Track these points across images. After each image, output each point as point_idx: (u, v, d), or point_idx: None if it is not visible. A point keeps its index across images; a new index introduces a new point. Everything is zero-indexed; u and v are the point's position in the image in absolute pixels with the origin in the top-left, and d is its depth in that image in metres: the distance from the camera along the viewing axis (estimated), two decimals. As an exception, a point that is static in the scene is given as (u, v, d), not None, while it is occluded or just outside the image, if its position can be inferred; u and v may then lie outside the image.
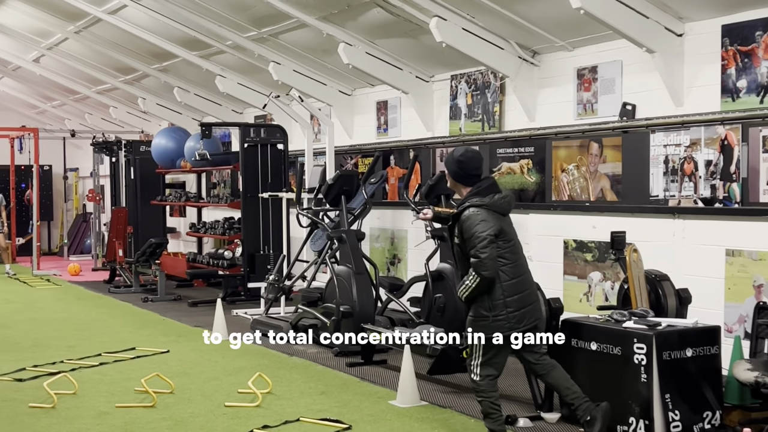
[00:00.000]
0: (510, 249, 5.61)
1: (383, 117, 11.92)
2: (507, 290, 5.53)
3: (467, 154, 5.77)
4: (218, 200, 14.54)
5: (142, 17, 12.23)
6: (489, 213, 5.54)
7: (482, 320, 5.57)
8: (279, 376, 7.76)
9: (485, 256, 5.42)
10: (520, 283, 5.60)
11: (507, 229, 5.64)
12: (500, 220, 5.59)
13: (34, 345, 9.49)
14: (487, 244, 5.44)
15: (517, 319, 5.55)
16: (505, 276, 5.53)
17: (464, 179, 5.72)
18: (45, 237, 22.42)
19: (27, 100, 21.53)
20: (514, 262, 5.61)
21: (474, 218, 5.51)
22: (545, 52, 9.21)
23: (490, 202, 5.58)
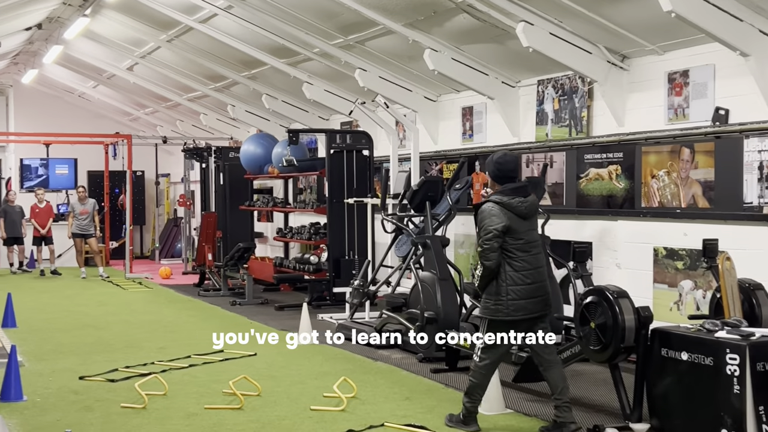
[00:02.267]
0: (519, 246, 6.09)
1: (468, 123, 11.88)
2: (509, 280, 6.05)
3: (504, 158, 6.34)
4: (304, 206, 14.70)
5: (232, 26, 12.46)
6: (502, 211, 6.07)
7: (486, 303, 6.16)
8: (364, 380, 7.79)
9: (487, 247, 6.02)
10: (525, 276, 6.07)
11: (520, 228, 6.11)
12: (514, 219, 6.08)
13: (126, 346, 9.72)
14: (492, 237, 6.01)
15: (515, 307, 6.05)
16: (509, 267, 6.06)
17: (500, 179, 6.27)
18: (137, 241, 22.95)
19: (121, 107, 22.10)
20: (523, 258, 6.08)
21: (486, 212, 6.10)
22: (635, 56, 9.06)
23: (506, 202, 6.09)
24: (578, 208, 9.78)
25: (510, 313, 6.06)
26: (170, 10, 12.67)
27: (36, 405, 7.05)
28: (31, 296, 14.42)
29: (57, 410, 6.90)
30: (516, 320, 6.09)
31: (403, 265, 10.09)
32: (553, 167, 10.13)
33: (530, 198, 6.27)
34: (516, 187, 6.23)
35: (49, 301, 13.96)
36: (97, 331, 10.86)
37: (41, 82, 21.69)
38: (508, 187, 6.19)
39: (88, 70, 19.03)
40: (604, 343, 6.04)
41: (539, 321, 6.20)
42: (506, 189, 6.18)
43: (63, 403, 7.10)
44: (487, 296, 6.16)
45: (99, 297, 14.51)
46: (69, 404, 7.08)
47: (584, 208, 9.69)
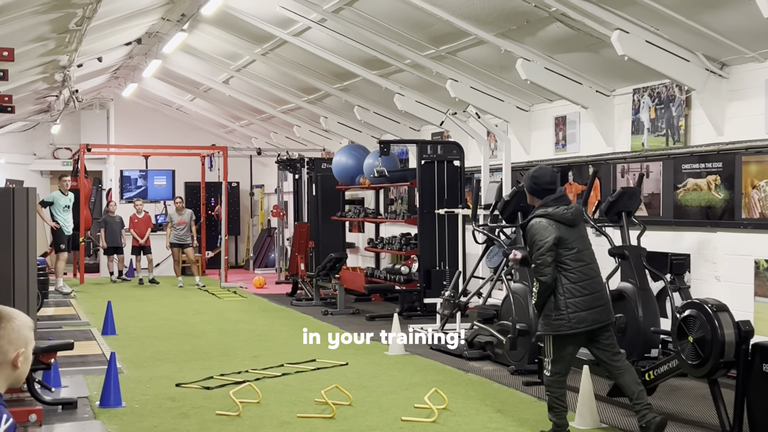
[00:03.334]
0: (572, 256, 6.06)
1: (561, 132, 11.74)
2: (567, 293, 6.01)
3: (540, 171, 6.40)
4: (395, 216, 14.73)
5: (325, 38, 12.60)
6: (550, 223, 6.06)
7: (547, 319, 6.10)
8: (455, 392, 7.76)
9: (540, 262, 6.02)
10: (582, 287, 6.03)
11: (570, 237, 6.09)
12: (563, 229, 6.07)
13: (221, 354, 9.89)
14: (544, 251, 5.99)
15: (578, 319, 6.00)
16: (566, 280, 6.03)
17: (538, 193, 6.28)
18: (232, 251, 23.35)
19: (217, 119, 22.56)
20: (578, 269, 6.05)
21: (536, 227, 6.10)
22: (734, 63, 8.82)
23: (552, 212, 6.08)
24: (675, 219, 9.56)
25: (573, 326, 6.03)
26: (265, 24, 12.89)
27: (134, 411, 7.23)
28: (130, 304, 14.80)
29: (154, 417, 7.06)
30: (579, 332, 6.07)
31: (494, 276, 10.02)
32: (649, 177, 9.93)
33: (574, 205, 6.28)
34: (557, 196, 6.24)
35: (147, 310, 14.31)
36: (193, 339, 11.08)
37: (140, 96, 22.31)
38: (549, 198, 6.21)
39: (186, 84, 19.49)
40: (702, 357, 5.90)
41: (603, 330, 6.16)
42: (548, 200, 6.20)
43: (160, 410, 7.26)
44: (546, 312, 6.12)
45: (195, 306, 14.81)
46: (166, 411, 7.24)
47: (682, 219, 9.47)
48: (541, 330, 6.20)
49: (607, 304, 6.22)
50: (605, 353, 6.21)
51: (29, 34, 10.77)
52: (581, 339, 6.16)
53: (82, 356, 9.20)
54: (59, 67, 13.93)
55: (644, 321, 8.31)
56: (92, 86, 20.78)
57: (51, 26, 10.76)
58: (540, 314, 6.21)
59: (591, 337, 6.15)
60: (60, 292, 15.53)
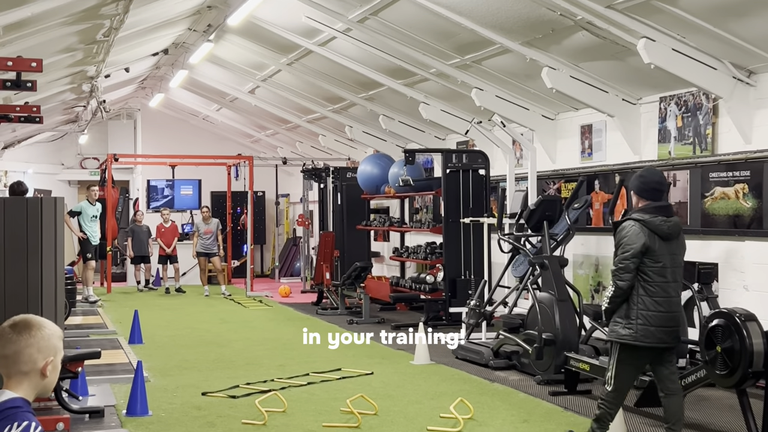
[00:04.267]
0: (656, 270, 5.78)
1: (587, 141, 11.70)
2: (641, 304, 5.76)
3: (649, 171, 6.20)
4: (420, 225, 14.72)
5: (350, 48, 12.64)
6: (643, 230, 5.77)
7: (615, 325, 5.87)
8: (480, 402, 7.73)
9: (622, 267, 5.76)
10: (658, 303, 5.77)
11: (660, 251, 5.79)
12: (654, 240, 5.77)
13: (247, 363, 9.92)
14: (629, 257, 5.74)
15: (644, 333, 5.75)
16: (643, 291, 5.77)
17: (645, 192, 5.96)
18: (258, 260, 23.41)
19: (243, 129, 22.67)
20: (658, 283, 5.78)
21: (627, 230, 5.82)
22: (762, 71, 8.75)
23: (648, 220, 5.79)
24: (703, 227, 9.49)
25: (638, 338, 5.77)
26: (290, 34, 12.95)
27: (161, 420, 7.26)
28: (156, 313, 14.88)
29: (181, 425, 7.09)
30: (644, 347, 5.80)
31: (520, 285, 9.98)
32: (676, 186, 9.87)
33: (674, 218, 5.95)
34: (659, 205, 5.90)
35: (173, 318, 14.38)
36: (219, 348, 11.12)
37: (167, 106, 22.47)
38: (651, 205, 5.88)
39: (212, 94, 19.61)
40: (731, 367, 5.83)
41: (667, 351, 5.93)
42: (648, 207, 5.87)
43: (186, 419, 7.29)
44: (616, 319, 5.88)
45: (221, 314, 14.85)
46: (192, 419, 7.26)
47: (709, 228, 9.39)
48: (608, 336, 6.00)
49: (678, 327, 5.93)
50: (664, 373, 5.98)
51: (57, 45, 10.89)
52: (645, 356, 5.90)
53: (109, 365, 9.26)
54: (87, 77, 14.07)
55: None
56: (119, 96, 20.96)
57: (79, 37, 10.87)
58: (608, 321, 5.99)
59: (655, 356, 5.91)
60: (87, 301, 15.64)
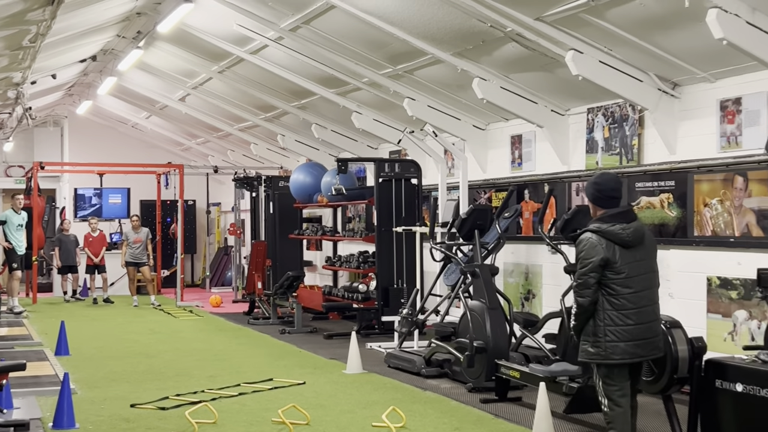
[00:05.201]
0: (620, 282, 5.49)
1: (517, 151, 11.85)
2: (607, 319, 5.49)
3: (603, 177, 5.81)
4: (353, 234, 14.73)
5: (282, 56, 12.61)
6: (601, 241, 5.50)
7: (583, 345, 5.64)
8: (412, 410, 7.75)
9: (581, 282, 5.51)
10: (626, 316, 5.48)
11: (622, 260, 5.50)
12: (615, 250, 5.50)
13: (176, 374, 9.79)
14: (587, 272, 5.49)
15: (613, 350, 5.48)
16: (608, 305, 5.49)
17: (601, 201, 5.69)
18: (188, 269, 23.15)
19: (173, 137, 22.42)
20: (623, 295, 5.49)
21: (584, 243, 5.56)
22: (686, 83, 8.98)
23: (606, 230, 5.52)
24: (629, 236, 9.66)
25: (608, 356, 5.52)
26: (222, 42, 12.86)
27: (88, 432, 7.13)
28: (84, 324, 14.61)
29: (109, 437, 6.97)
30: (615, 365, 5.56)
31: (452, 293, 10.06)
32: (603, 196, 10.03)
33: (634, 224, 5.65)
34: (618, 212, 5.64)
35: (101, 329, 14.13)
36: (148, 359, 10.96)
37: (95, 113, 22.12)
38: (609, 212, 5.62)
39: (141, 101, 19.36)
40: (657, 374, 5.96)
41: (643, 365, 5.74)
42: (606, 215, 5.61)
43: (114, 431, 7.16)
44: (584, 337, 5.64)
45: (150, 325, 14.65)
46: None
47: (635, 237, 9.57)
48: (579, 356, 5.74)
49: (654, 338, 5.64)
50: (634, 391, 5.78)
51: (-19, 51, 10.65)
52: (624, 371, 5.61)
53: (34, 377, 9.05)
54: (12, 84, 13.77)
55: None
56: (46, 103, 20.56)
57: (4, 43, 10.64)
58: (578, 338, 5.74)
59: (633, 371, 5.65)
60: (12, 312, 15.28)
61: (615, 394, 5.60)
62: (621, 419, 5.60)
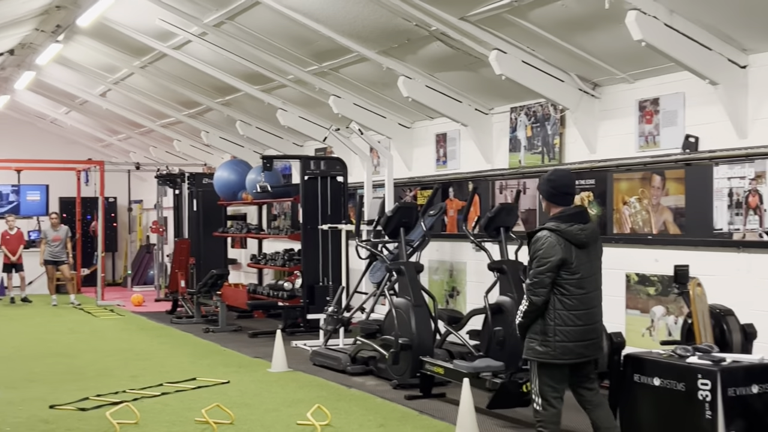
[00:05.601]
0: (574, 282, 5.46)
1: (442, 149, 11.94)
2: (558, 319, 5.45)
3: (557, 173, 5.80)
4: (278, 232, 14.66)
5: (206, 52, 12.47)
6: (559, 240, 5.44)
7: (531, 343, 5.55)
8: (338, 408, 7.76)
9: (537, 281, 5.42)
10: (577, 317, 5.47)
11: (577, 261, 5.47)
12: (571, 250, 5.45)
13: (97, 375, 9.63)
14: (544, 271, 5.40)
15: (563, 350, 5.45)
16: (560, 305, 5.45)
17: (556, 198, 5.63)
18: (109, 268, 22.78)
19: (93, 133, 22.00)
20: (576, 296, 5.47)
21: (542, 242, 5.46)
22: (606, 84, 9.16)
23: (565, 230, 5.46)
24: (551, 234, 9.82)
25: (557, 356, 5.47)
26: (144, 37, 12.66)
27: (5, 434, 6.97)
28: (0, 324, 14.24)
29: (27, 440, 6.82)
30: (563, 364, 5.54)
31: (377, 291, 10.09)
32: (526, 193, 10.20)
33: (590, 225, 5.64)
34: (575, 212, 5.62)
35: (19, 329, 13.81)
36: (68, 359, 10.75)
37: (12, 108, 21.55)
38: (566, 211, 5.57)
39: (61, 96, 18.94)
40: (577, 368, 6.06)
41: (588, 364, 5.69)
42: (564, 215, 5.55)
43: (33, 433, 7.02)
44: (531, 336, 5.54)
45: (70, 325, 14.37)
46: (39, 434, 7.00)
47: (557, 235, 9.73)
48: (525, 354, 5.63)
49: (598, 338, 5.67)
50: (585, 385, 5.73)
51: None
52: (566, 372, 5.61)
53: (-52, 379, 8.81)
54: (-75, 77, 13.35)
55: (522, 334, 8.51)
56: (-39, 98, 19.97)
57: None
58: (522, 336, 5.63)
59: (575, 369, 5.64)
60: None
61: (551, 395, 5.57)
62: (553, 420, 5.58)
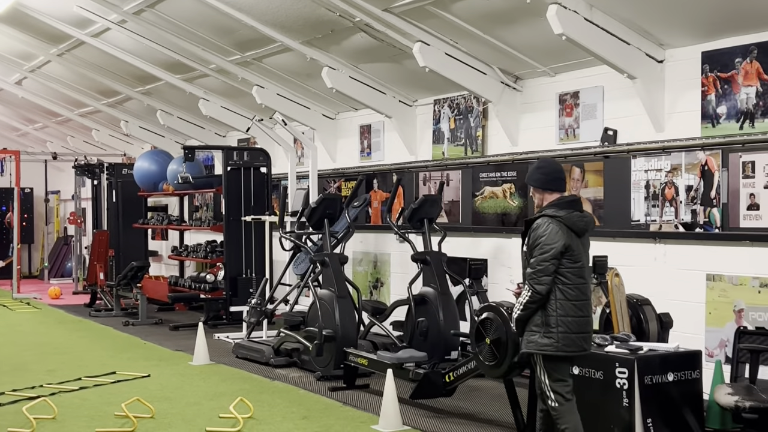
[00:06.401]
0: (575, 271, 5.29)
1: (366, 141, 11.95)
2: (561, 309, 5.25)
3: (545, 161, 5.88)
4: (201, 223, 14.50)
5: (125, 40, 12.23)
6: (561, 227, 5.28)
7: (533, 335, 5.35)
8: (261, 400, 7.71)
9: (541, 269, 5.22)
10: (577, 307, 5.28)
11: (578, 249, 5.33)
12: (572, 238, 5.30)
13: (13, 369, 9.40)
14: (548, 258, 5.22)
15: (566, 341, 5.26)
16: (561, 295, 5.26)
17: (550, 184, 5.47)
18: (25, 260, 22.26)
19: (8, 122, 21.43)
20: (576, 285, 5.29)
21: (544, 229, 5.29)
22: (528, 77, 9.28)
23: (565, 216, 5.31)
24: (474, 225, 9.93)
25: (560, 348, 5.27)
26: (61, 24, 12.34)
27: None
28: None
29: (-62, 437, 6.63)
30: (565, 356, 5.34)
31: (301, 283, 10.06)
32: (449, 185, 10.27)
33: (588, 213, 5.52)
34: (573, 199, 5.49)
35: (-70, 324, 13.39)
36: (-18, 353, 10.48)
37: None
38: (564, 198, 5.43)
39: (-26, 84, 18.39)
40: (498, 358, 6.12)
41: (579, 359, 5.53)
42: (562, 202, 5.39)
43: (-55, 430, 6.82)
44: (532, 329, 5.35)
45: (-16, 318, 14.00)
46: (-49, 431, 6.81)
47: (479, 226, 9.85)
48: (526, 347, 5.41)
49: (590, 333, 5.45)
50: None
51: None
52: (568, 365, 5.44)
53: None
54: None
55: (445, 324, 8.60)
56: None
57: None
58: (521, 330, 5.46)
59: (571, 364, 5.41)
60: None
61: (563, 389, 5.35)
62: (570, 412, 5.36)
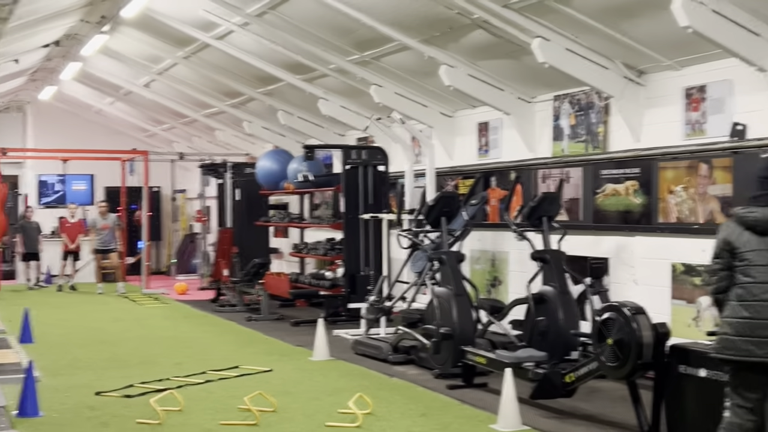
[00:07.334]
0: (741, 268, 4.98)
1: (484, 138, 11.87)
2: (728, 310, 5.01)
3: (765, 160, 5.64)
4: (320, 221, 14.69)
5: (248, 42, 12.52)
6: (736, 226, 5.06)
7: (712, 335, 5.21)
8: (379, 397, 7.76)
9: (707, 268, 5.18)
10: (741, 308, 4.94)
11: (747, 246, 4.97)
12: (739, 234, 5.01)
13: (141, 362, 9.73)
14: (712, 257, 5.14)
15: (725, 343, 4.99)
16: (731, 294, 5.01)
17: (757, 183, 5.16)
18: (154, 257, 22.97)
19: (138, 123, 22.20)
20: (745, 284, 4.95)
21: (721, 228, 5.19)
22: (651, 71, 9.03)
23: (739, 213, 5.08)
24: (595, 223, 9.74)
25: (719, 350, 5.03)
26: (187, 27, 12.73)
27: (52, 421, 7.06)
28: (47, 312, 14.45)
29: (73, 426, 6.91)
30: (726, 360, 5.04)
31: (418, 280, 10.07)
32: (569, 183, 10.11)
33: (764, 208, 5.04)
34: (758, 194, 5.10)
35: (65, 317, 14.01)
36: (113, 346, 10.88)
37: (59, 99, 21.81)
38: (755, 194, 5.11)
39: (106, 87, 19.14)
40: (621, 359, 6.01)
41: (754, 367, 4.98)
42: (751, 197, 5.14)
43: (79, 419, 7.11)
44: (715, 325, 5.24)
45: (115, 313, 14.55)
46: (85, 420, 7.09)
47: (601, 224, 9.65)
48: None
49: None
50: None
51: (-58, 35, 10.47)
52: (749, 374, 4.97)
53: (-3, 365, 8.95)
54: (-27, 68, 13.56)
55: (565, 324, 8.45)
56: (9, 89, 20.27)
57: (-35, 27, 10.46)
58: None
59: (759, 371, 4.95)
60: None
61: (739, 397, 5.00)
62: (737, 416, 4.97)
